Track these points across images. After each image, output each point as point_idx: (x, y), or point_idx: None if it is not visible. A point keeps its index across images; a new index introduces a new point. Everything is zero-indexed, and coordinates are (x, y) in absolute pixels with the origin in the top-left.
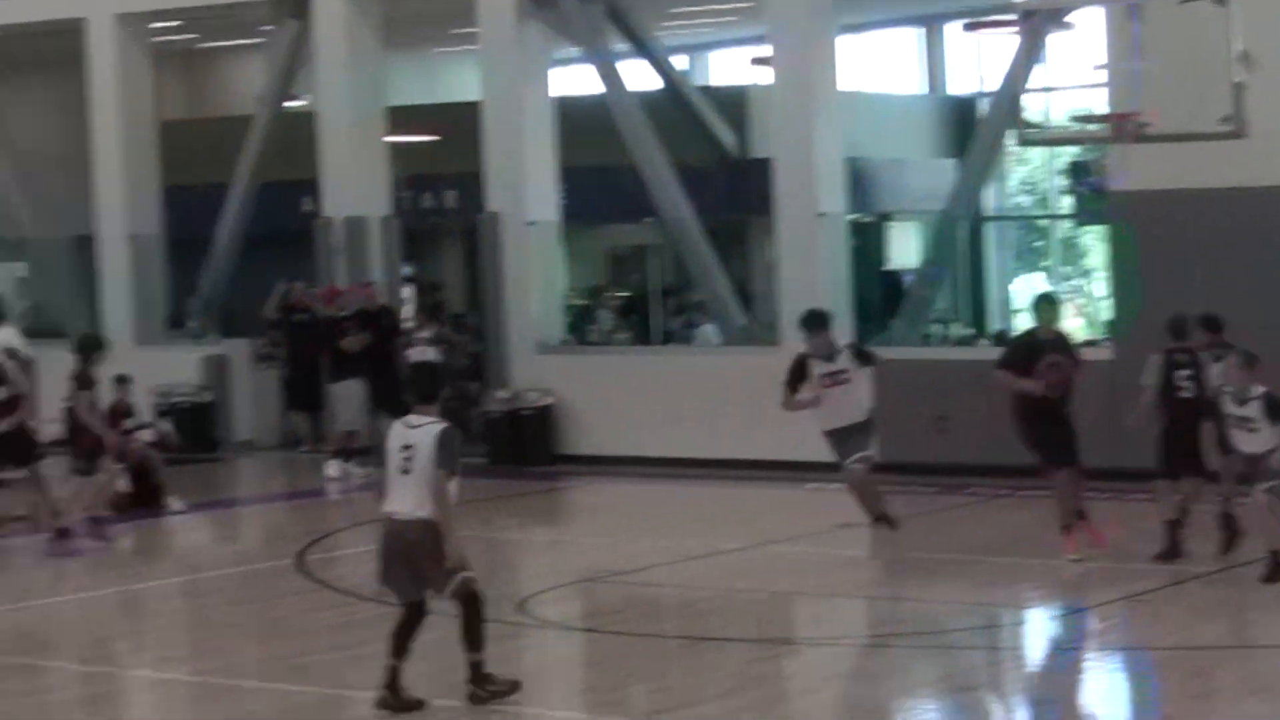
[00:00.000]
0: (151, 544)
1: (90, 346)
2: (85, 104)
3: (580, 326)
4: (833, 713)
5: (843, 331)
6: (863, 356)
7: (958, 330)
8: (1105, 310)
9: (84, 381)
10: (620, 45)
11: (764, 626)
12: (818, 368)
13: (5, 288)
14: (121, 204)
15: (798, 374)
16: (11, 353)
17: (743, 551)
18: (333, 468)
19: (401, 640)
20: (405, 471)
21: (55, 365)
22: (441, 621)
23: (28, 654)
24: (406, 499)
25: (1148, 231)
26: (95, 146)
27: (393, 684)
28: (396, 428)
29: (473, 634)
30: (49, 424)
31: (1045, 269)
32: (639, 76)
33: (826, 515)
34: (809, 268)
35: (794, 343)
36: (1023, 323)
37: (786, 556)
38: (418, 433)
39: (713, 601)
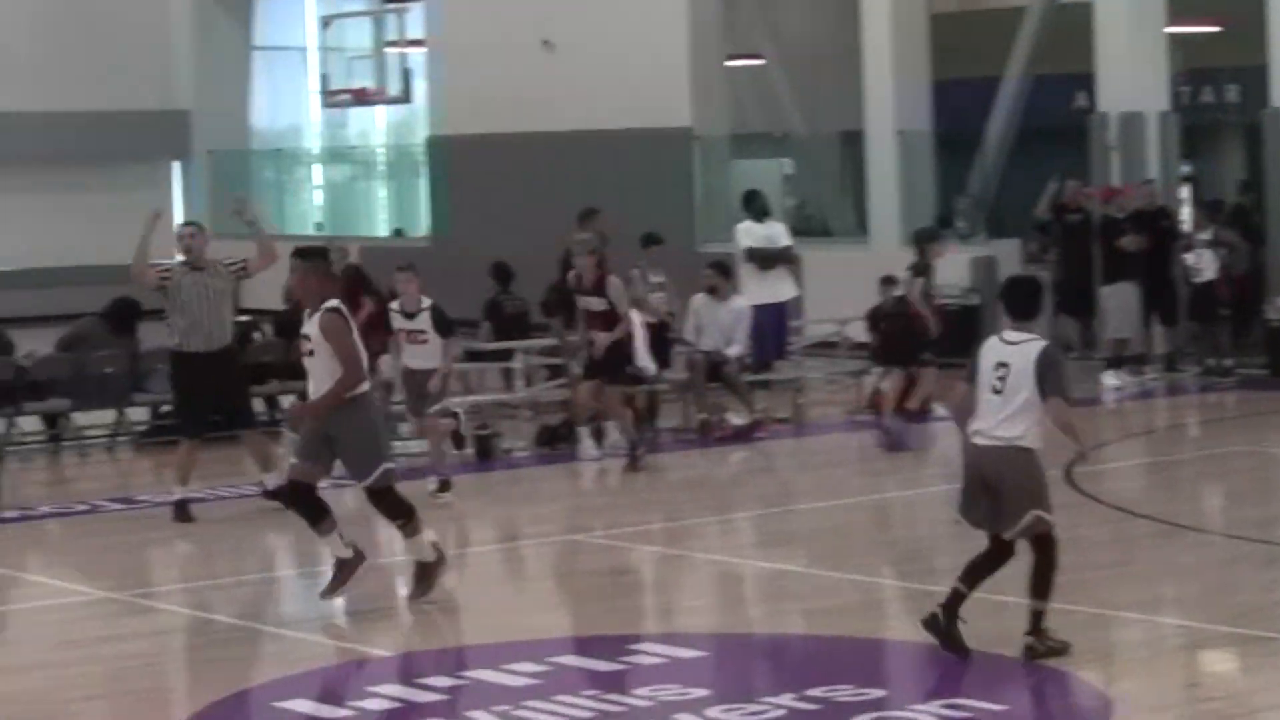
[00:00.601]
0: (924, 448)
1: (927, 238)
2: None
3: None
4: None
5: None
6: None
7: None
8: None
9: (919, 269)
10: None
11: None
12: None
13: (771, 185)
14: (891, 99)
15: None
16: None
17: None
18: (1110, 376)
19: (976, 569)
20: (996, 391)
21: (820, 265)
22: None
23: (781, 559)
24: (993, 422)
25: None
26: (865, 41)
27: (950, 610)
28: (991, 343)
29: (1040, 580)
30: (815, 324)
31: None
32: None
33: None
34: None
35: None
36: None
37: None
38: (1014, 350)
39: None
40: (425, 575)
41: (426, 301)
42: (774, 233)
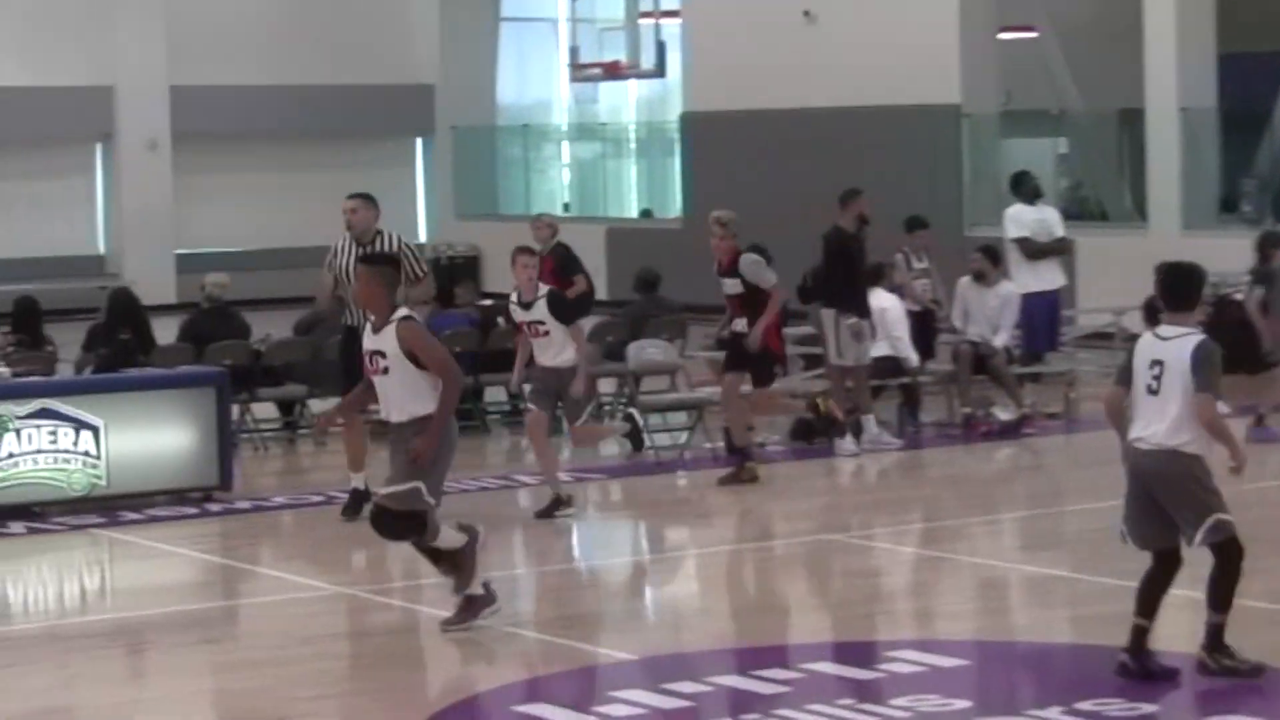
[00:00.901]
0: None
1: (1274, 243)
2: None
3: None
4: None
5: None
6: None
7: None
8: None
9: (1259, 276)
10: None
11: None
12: None
13: (1043, 165)
14: (1173, 74)
15: None
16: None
17: None
18: None
19: (1149, 595)
20: (1153, 391)
21: (1095, 251)
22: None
23: (1049, 563)
24: (1153, 424)
25: None
26: (1147, 12)
27: (1137, 647)
28: (1145, 340)
29: (1219, 591)
30: (1088, 314)
31: None
32: None
33: None
34: None
35: None
36: None
37: None
38: (1169, 346)
39: None
40: (457, 564)
41: (544, 289)
42: (1046, 217)
